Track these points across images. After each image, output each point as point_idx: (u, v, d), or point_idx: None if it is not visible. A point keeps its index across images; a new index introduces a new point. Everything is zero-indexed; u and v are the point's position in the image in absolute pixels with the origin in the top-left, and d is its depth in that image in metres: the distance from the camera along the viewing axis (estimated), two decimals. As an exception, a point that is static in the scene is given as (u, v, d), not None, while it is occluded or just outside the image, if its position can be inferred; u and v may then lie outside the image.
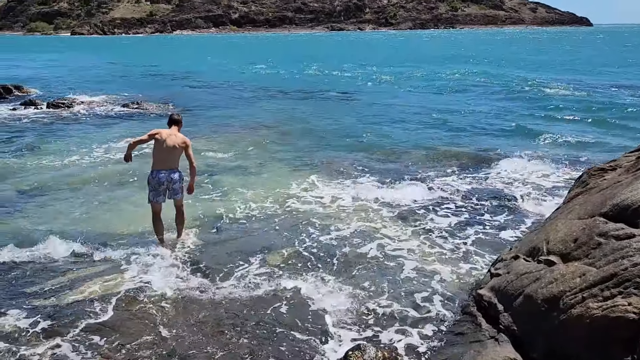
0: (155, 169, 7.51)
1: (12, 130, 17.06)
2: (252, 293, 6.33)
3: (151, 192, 7.54)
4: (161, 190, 7.52)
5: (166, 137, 7.50)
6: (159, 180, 7.46)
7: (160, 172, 7.48)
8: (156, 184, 7.48)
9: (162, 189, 7.51)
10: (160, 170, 7.48)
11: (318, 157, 13.03)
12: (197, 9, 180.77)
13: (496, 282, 5.37)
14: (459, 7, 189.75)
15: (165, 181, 7.48)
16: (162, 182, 7.47)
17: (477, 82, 30.08)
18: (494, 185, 10.65)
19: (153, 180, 7.50)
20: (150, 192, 7.55)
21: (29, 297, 6.27)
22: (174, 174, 7.56)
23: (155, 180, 7.47)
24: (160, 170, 7.48)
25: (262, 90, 28.27)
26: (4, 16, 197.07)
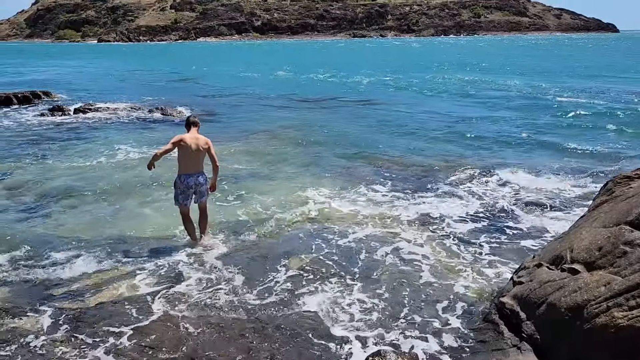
0: (184, 174, 7.71)
1: (40, 135, 17.47)
2: (273, 297, 6.37)
3: (180, 195, 7.75)
4: (189, 193, 7.75)
5: (190, 142, 7.66)
6: (187, 185, 7.70)
7: (188, 176, 7.70)
8: (185, 188, 7.71)
9: (190, 192, 7.74)
10: (189, 175, 7.70)
11: (337, 164, 13.05)
12: (221, 17, 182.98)
13: (519, 290, 5.32)
14: (482, 14, 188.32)
15: (193, 185, 7.72)
16: (190, 186, 7.71)
17: (496, 90, 29.81)
18: (515, 193, 10.54)
19: (182, 184, 7.71)
20: (179, 195, 7.76)
21: (54, 299, 6.40)
22: (201, 178, 7.80)
23: (183, 184, 7.69)
24: (188, 174, 7.70)
25: (283, 96, 28.44)
26: (34, 24, 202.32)
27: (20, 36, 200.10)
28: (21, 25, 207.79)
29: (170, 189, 10.03)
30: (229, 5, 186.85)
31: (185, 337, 5.51)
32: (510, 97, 26.21)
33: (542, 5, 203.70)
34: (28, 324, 5.87)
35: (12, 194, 10.81)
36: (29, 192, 10.97)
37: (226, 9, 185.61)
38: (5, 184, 11.53)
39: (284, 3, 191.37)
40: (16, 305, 6.27)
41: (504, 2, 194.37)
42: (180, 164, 7.75)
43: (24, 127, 19.18)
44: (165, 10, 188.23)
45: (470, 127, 18.14)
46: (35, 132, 18.00)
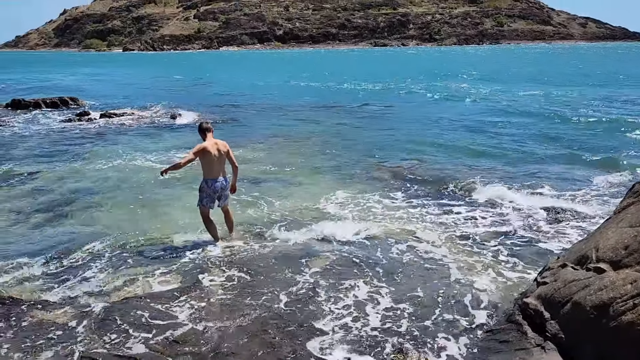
0: (210, 179, 7.91)
1: (67, 139, 17.89)
2: (295, 295, 6.41)
3: (205, 199, 7.95)
4: (215, 197, 7.99)
5: (212, 149, 7.86)
6: (214, 189, 7.92)
7: (215, 181, 7.92)
8: (212, 192, 7.93)
9: (216, 195, 7.98)
10: (216, 180, 7.92)
11: (357, 169, 13.07)
12: (243, 26, 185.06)
13: (543, 290, 5.27)
14: (505, 23, 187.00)
15: (219, 189, 7.97)
16: (217, 190, 7.95)
17: (519, 99, 29.54)
18: (540, 195, 10.42)
19: (209, 189, 7.91)
20: (204, 198, 7.95)
21: (80, 295, 6.55)
22: (225, 182, 8.04)
23: (211, 189, 7.91)
24: (215, 179, 7.92)
25: (303, 103, 28.62)
26: (62, 34, 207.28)
27: (48, 45, 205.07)
28: (49, 35, 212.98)
29: (191, 189, 10.22)
30: (251, 15, 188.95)
31: (209, 332, 5.59)
32: (533, 106, 25.95)
33: (566, 14, 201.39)
34: (56, 317, 6.00)
35: (39, 194, 11.09)
36: (55, 192, 11.24)
37: (248, 18, 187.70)
38: (33, 185, 11.84)
39: (305, 12, 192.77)
40: (44, 299, 6.43)
41: (527, 11, 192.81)
42: (206, 169, 7.93)
43: (52, 131, 19.66)
44: (189, 20, 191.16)
45: (491, 135, 18.01)
46: (62, 136, 18.43)
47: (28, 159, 14.56)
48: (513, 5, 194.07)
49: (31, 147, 16.38)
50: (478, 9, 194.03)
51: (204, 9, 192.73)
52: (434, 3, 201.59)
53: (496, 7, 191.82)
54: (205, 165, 7.90)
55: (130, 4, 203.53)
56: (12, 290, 6.67)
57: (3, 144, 16.73)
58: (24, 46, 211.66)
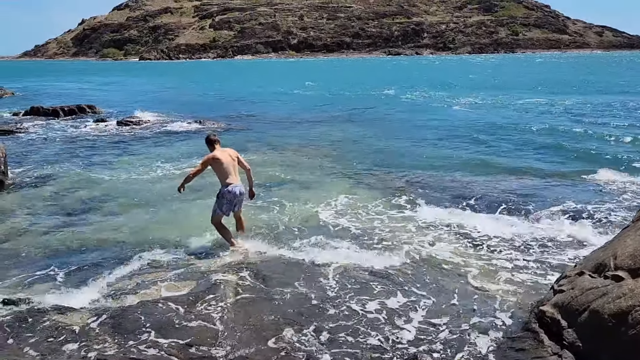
0: (230, 184, 8.00)
1: (85, 146, 18.13)
2: (309, 300, 6.41)
3: (226, 205, 8.00)
4: (235, 202, 8.07)
5: (221, 157, 8.01)
6: (234, 194, 8.01)
7: (235, 186, 8.03)
8: (232, 197, 8.01)
9: (236, 200, 8.08)
10: (235, 185, 8.04)
11: (372, 175, 13.08)
12: (258, 35, 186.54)
13: (560, 299, 5.21)
14: (520, 31, 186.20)
15: (239, 193, 8.08)
16: (237, 195, 8.04)
17: (537, 106, 29.32)
18: (558, 204, 10.31)
19: (229, 194, 7.99)
20: (224, 204, 8.00)
21: (97, 298, 6.60)
22: (242, 187, 8.15)
23: (231, 194, 7.99)
24: (235, 184, 8.04)
25: (316, 110, 28.72)
26: (80, 43, 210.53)
27: (67, 54, 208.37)
28: (68, 44, 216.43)
29: (204, 196, 10.30)
30: (266, 24, 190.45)
31: (223, 336, 5.60)
32: (555, 113, 25.75)
33: (582, 23, 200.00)
34: (71, 321, 6.05)
35: (57, 200, 11.24)
36: (72, 198, 11.38)
37: (263, 27, 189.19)
38: (51, 191, 11.99)
39: (320, 22, 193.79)
40: (61, 302, 6.49)
41: (542, 19, 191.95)
42: (222, 177, 8.03)
43: (69, 138, 19.94)
44: (205, 29, 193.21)
45: (508, 141, 17.90)
46: (79, 143, 18.67)
47: (46, 165, 14.77)
48: (528, 14, 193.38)
49: (49, 154, 16.62)
50: (493, 17, 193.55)
51: (219, 19, 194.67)
52: (448, 12, 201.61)
53: (511, 16, 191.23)
54: (221, 172, 8.00)
55: (147, 14, 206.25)
56: (28, 293, 6.74)
57: (22, 151, 16.99)
58: (42, 55, 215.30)
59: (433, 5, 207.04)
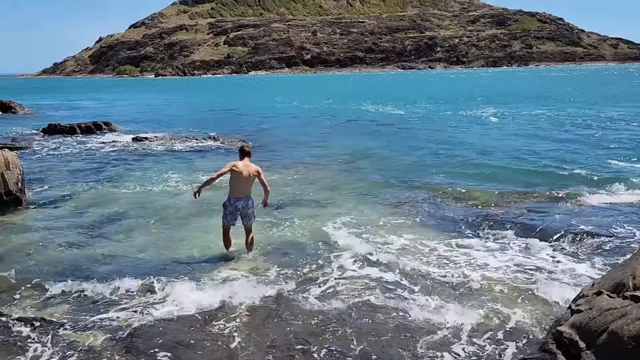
0: (233, 197, 8.38)
1: (100, 162, 18.34)
2: (320, 319, 6.36)
3: (229, 215, 8.39)
4: (237, 215, 8.38)
5: (242, 169, 8.29)
6: (235, 207, 8.38)
7: (238, 199, 8.36)
8: (233, 210, 8.40)
9: (237, 213, 8.38)
10: (238, 198, 8.36)
11: (386, 192, 12.99)
12: (272, 51, 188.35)
13: (577, 319, 5.11)
14: (534, 45, 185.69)
15: (241, 207, 8.40)
16: (238, 209, 8.39)
17: (553, 120, 29.10)
18: (573, 221, 10.15)
19: (230, 206, 8.35)
20: (227, 214, 8.40)
21: (110, 315, 6.61)
22: (249, 201, 8.41)
23: (232, 206, 8.38)
24: (238, 198, 8.36)
25: (331, 125, 28.80)
26: (97, 61, 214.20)
27: (84, 72, 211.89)
28: (85, 62, 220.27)
29: (217, 213, 10.34)
30: (279, 40, 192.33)
31: (234, 355, 5.57)
32: (568, 127, 25.54)
33: (597, 35, 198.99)
34: (85, 339, 6.07)
35: (73, 218, 11.32)
36: (88, 216, 11.44)
37: (277, 43, 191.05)
38: (67, 208, 12.11)
39: (333, 37, 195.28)
40: (75, 320, 6.52)
41: (556, 32, 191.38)
42: (231, 187, 8.37)
43: (86, 155, 20.18)
44: (219, 45, 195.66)
45: (525, 157, 17.75)
46: (95, 160, 18.89)
47: (62, 183, 14.94)
48: (542, 27, 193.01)
49: (66, 171, 16.81)
50: (506, 31, 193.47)
51: (234, 35, 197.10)
52: (461, 26, 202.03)
53: (524, 29, 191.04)
54: (232, 183, 8.35)
55: (163, 31, 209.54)
56: (43, 311, 6.78)
57: (39, 168, 17.22)
58: (61, 73, 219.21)
59: (446, 20, 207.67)
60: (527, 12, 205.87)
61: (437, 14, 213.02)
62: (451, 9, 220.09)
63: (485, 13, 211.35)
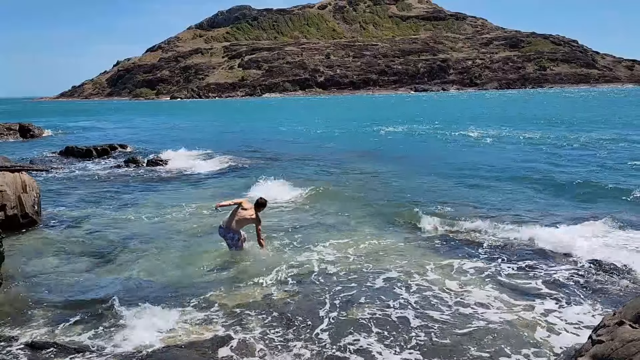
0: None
1: (116, 186, 18.49)
2: (337, 347, 6.25)
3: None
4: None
5: (244, 205, 9.82)
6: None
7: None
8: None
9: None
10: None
11: (396, 215, 12.86)
12: (285, 74, 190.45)
13: (599, 350, 4.95)
14: (548, 66, 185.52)
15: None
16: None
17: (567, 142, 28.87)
18: (590, 248, 9.95)
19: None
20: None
21: (121, 341, 6.57)
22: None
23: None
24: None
25: (344, 149, 28.84)
26: (114, 84, 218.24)
27: (101, 95, 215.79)
28: (103, 85, 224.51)
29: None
30: (293, 62, 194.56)
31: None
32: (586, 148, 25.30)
33: (612, 57, 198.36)
34: (97, 365, 6.03)
35: (87, 240, 11.37)
36: (102, 239, 11.48)
37: (290, 66, 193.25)
38: (82, 231, 12.18)
39: (346, 60, 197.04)
40: (87, 344, 6.49)
41: (570, 54, 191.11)
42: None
43: (102, 178, 20.38)
44: (234, 68, 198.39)
45: (541, 174, 17.57)
46: (111, 183, 19.06)
47: (78, 205, 15.07)
48: (555, 49, 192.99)
49: (82, 193, 16.98)
50: (520, 53, 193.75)
51: (248, 58, 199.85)
52: (474, 48, 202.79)
53: (538, 51, 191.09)
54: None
55: (179, 55, 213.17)
56: (56, 337, 6.76)
57: (56, 190, 17.41)
58: (79, 96, 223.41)
59: (459, 42, 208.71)
60: (540, 34, 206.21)
61: (450, 36, 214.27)
62: (464, 32, 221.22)
63: (499, 35, 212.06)
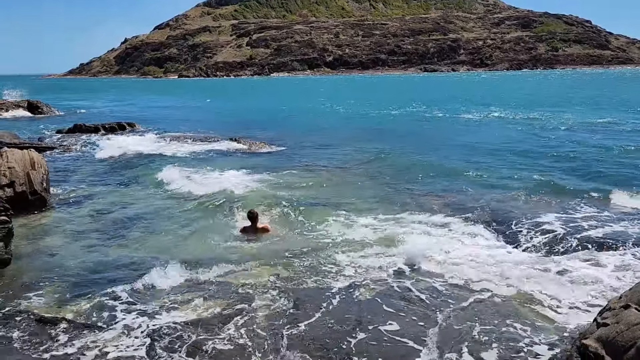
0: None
1: (122, 163, 18.57)
2: (339, 326, 6.30)
3: None
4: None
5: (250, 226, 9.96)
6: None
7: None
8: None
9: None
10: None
11: (409, 196, 12.85)
12: (294, 53, 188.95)
13: (604, 332, 4.96)
14: (560, 47, 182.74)
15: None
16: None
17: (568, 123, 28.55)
18: (606, 227, 9.90)
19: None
20: None
21: (130, 315, 6.67)
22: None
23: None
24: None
25: (354, 128, 28.72)
26: (122, 61, 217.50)
27: (109, 72, 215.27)
28: (111, 63, 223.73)
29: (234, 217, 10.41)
30: (301, 42, 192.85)
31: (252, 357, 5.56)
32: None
33: (625, 38, 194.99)
34: (105, 340, 6.12)
35: (95, 218, 11.45)
36: (110, 217, 11.56)
37: (299, 45, 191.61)
38: (90, 208, 12.26)
39: (355, 39, 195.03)
40: (95, 322, 6.58)
41: (583, 35, 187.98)
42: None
43: (110, 156, 20.41)
44: (242, 47, 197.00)
45: (553, 155, 17.42)
46: (117, 161, 19.12)
47: (86, 182, 15.16)
48: (568, 30, 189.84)
49: (89, 172, 17.07)
50: (531, 33, 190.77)
51: (257, 37, 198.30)
52: (485, 28, 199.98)
53: (550, 31, 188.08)
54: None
55: (187, 33, 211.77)
56: (64, 312, 6.85)
57: (64, 168, 17.51)
58: (87, 73, 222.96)
59: (470, 22, 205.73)
60: (553, 15, 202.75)
61: (460, 16, 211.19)
62: (475, 11, 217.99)
63: (510, 15, 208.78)
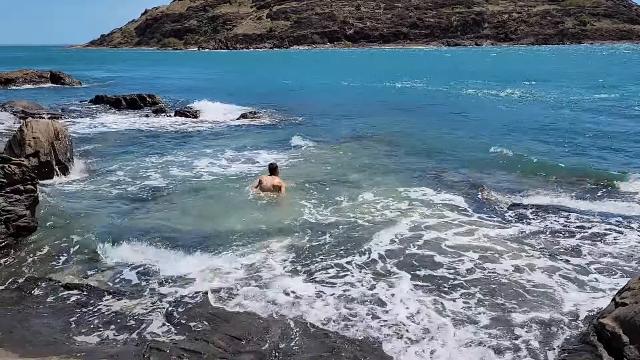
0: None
1: (144, 136, 18.75)
2: (357, 304, 6.38)
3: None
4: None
5: (266, 183, 10.69)
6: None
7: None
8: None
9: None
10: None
11: (427, 171, 12.81)
12: (314, 25, 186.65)
13: (622, 312, 4.95)
14: (588, 22, 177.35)
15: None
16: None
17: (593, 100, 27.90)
18: (624, 208, 9.78)
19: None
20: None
21: (153, 286, 6.83)
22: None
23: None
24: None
25: (373, 103, 28.50)
26: (142, 33, 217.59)
27: (130, 44, 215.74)
28: (131, 34, 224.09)
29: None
30: (322, 14, 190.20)
31: (270, 330, 5.68)
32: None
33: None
34: (127, 307, 6.30)
35: (117, 188, 11.62)
36: (133, 187, 11.74)
37: (319, 17, 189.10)
38: (113, 178, 12.47)
39: (377, 11, 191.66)
40: (118, 289, 6.77)
41: (613, 9, 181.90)
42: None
43: (130, 128, 20.66)
44: (262, 19, 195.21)
45: (575, 137, 17.13)
46: (139, 133, 19.34)
47: (109, 153, 15.39)
48: (597, 3, 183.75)
49: (112, 142, 17.31)
50: (559, 7, 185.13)
51: (277, 9, 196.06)
52: (511, 1, 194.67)
53: (579, 5, 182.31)
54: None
55: (207, 4, 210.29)
56: (89, 278, 7.05)
57: (86, 140, 17.74)
58: (108, 45, 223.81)
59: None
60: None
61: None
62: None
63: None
